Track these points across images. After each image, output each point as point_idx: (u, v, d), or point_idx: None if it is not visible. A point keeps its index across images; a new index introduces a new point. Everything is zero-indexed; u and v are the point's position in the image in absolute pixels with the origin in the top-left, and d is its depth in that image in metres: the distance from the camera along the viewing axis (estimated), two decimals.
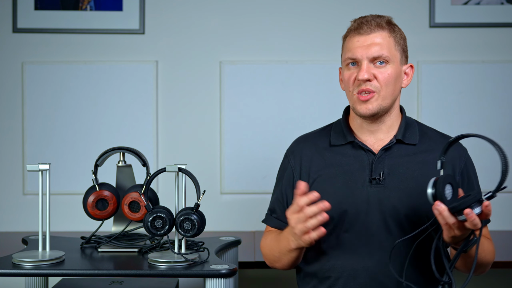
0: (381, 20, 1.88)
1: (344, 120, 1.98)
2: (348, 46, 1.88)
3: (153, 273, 1.81)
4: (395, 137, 1.90)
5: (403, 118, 1.94)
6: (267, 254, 1.96)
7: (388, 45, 1.85)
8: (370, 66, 1.84)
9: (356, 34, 1.87)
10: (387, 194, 1.84)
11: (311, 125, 2.13)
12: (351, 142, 1.92)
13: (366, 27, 1.86)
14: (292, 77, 3.09)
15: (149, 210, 1.89)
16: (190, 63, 3.11)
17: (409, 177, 1.86)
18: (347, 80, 1.88)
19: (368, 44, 1.84)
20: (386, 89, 1.85)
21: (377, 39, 1.85)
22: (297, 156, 1.97)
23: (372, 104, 1.85)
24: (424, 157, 1.89)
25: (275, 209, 2.00)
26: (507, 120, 3.09)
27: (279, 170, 2.04)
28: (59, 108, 3.08)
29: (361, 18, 1.91)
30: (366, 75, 1.83)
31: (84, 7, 3.07)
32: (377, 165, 1.87)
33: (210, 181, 3.07)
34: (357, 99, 1.86)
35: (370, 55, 1.84)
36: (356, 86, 1.85)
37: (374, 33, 1.85)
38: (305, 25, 3.11)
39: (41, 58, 3.08)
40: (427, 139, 1.94)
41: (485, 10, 3.08)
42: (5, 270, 1.79)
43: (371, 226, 1.84)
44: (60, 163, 3.04)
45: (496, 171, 3.10)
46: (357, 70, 1.85)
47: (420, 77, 3.08)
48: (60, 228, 2.91)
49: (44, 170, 1.90)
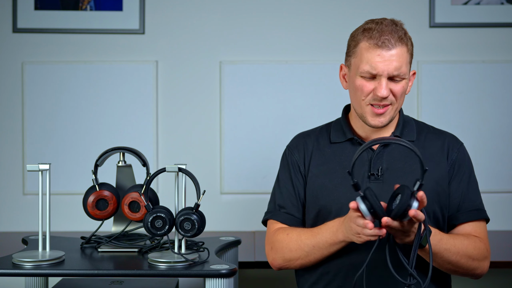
0: (401, 32, 1.86)
1: (344, 118, 2.01)
2: (367, 57, 1.84)
3: (153, 273, 1.81)
4: (393, 134, 1.94)
5: (401, 116, 1.98)
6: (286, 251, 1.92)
7: (406, 61, 1.86)
8: (388, 82, 1.85)
9: (377, 47, 1.83)
10: (385, 189, 1.85)
11: (311, 125, 2.14)
12: (351, 139, 1.95)
13: (388, 41, 1.83)
14: (292, 77, 3.09)
15: (149, 210, 1.89)
16: (190, 63, 3.11)
17: (407, 171, 1.89)
18: (361, 89, 1.87)
19: (390, 61, 1.83)
20: (400, 101, 1.89)
21: (398, 57, 1.84)
22: (300, 150, 2.00)
23: (385, 117, 1.88)
24: (421, 153, 1.90)
25: (285, 204, 1.99)
26: (507, 120, 3.08)
27: (283, 165, 2.04)
28: (59, 108, 3.07)
29: (379, 25, 1.86)
30: (385, 92, 1.84)
31: (84, 7, 3.07)
32: (376, 161, 1.90)
33: (210, 181, 3.07)
34: (370, 111, 1.87)
35: (391, 73, 1.84)
36: (371, 98, 1.86)
37: (396, 48, 1.83)
38: (305, 25, 3.11)
39: (41, 58, 3.08)
40: (424, 136, 1.97)
41: (485, 10, 3.08)
42: (5, 270, 1.79)
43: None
44: (60, 163, 3.04)
45: (496, 171, 3.12)
46: (374, 84, 1.85)
47: (420, 77, 3.08)
48: (60, 228, 2.91)
49: (44, 170, 1.90)
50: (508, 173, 3.07)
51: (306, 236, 1.88)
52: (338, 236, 1.80)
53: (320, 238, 1.85)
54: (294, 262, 1.92)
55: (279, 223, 1.98)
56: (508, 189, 3.07)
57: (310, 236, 1.87)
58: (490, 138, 3.08)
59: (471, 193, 1.94)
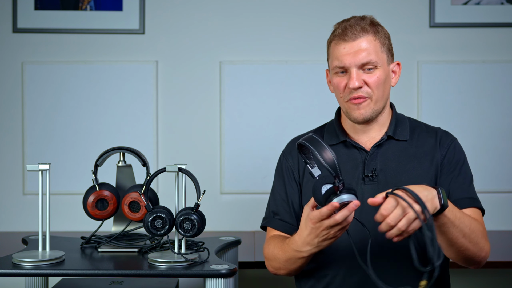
0: (365, 23, 1.87)
1: (336, 120, 2.00)
2: (335, 54, 1.88)
3: (153, 273, 1.81)
4: (386, 134, 1.93)
5: (393, 115, 1.97)
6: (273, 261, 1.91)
7: (375, 49, 1.86)
8: (359, 73, 1.85)
9: (341, 41, 1.86)
10: (380, 191, 1.83)
11: (311, 125, 2.14)
12: (344, 142, 1.95)
13: (351, 33, 1.85)
14: (292, 77, 3.09)
15: (149, 210, 1.88)
16: (190, 63, 3.11)
17: (401, 171, 1.88)
18: (337, 86, 1.89)
19: (355, 51, 1.84)
20: (378, 92, 1.87)
21: (363, 45, 1.85)
22: (294, 156, 2.00)
23: (365, 109, 1.87)
24: (415, 152, 1.92)
25: (279, 211, 1.98)
26: (507, 120, 3.08)
27: (277, 171, 2.04)
28: (59, 108, 3.08)
29: (344, 22, 1.90)
30: (357, 83, 1.84)
31: (84, 7, 3.07)
32: (369, 162, 1.90)
33: (210, 181, 3.07)
34: (350, 106, 1.88)
35: (359, 62, 1.84)
36: (347, 93, 1.87)
37: (360, 38, 1.85)
38: (305, 25, 3.11)
39: (41, 58, 3.08)
40: (417, 135, 1.96)
41: (485, 10, 3.08)
42: (5, 270, 1.79)
43: (366, 222, 1.83)
44: (60, 163, 3.04)
45: (496, 171, 3.12)
46: (347, 77, 1.86)
47: (420, 77, 3.08)
48: (60, 228, 2.91)
49: (44, 170, 1.90)
50: (508, 173, 3.07)
51: (278, 251, 1.88)
52: (302, 253, 1.76)
53: (288, 254, 1.83)
54: (280, 271, 1.91)
55: (274, 230, 1.99)
56: (508, 189, 3.07)
57: (281, 251, 1.86)
58: (490, 138, 3.08)
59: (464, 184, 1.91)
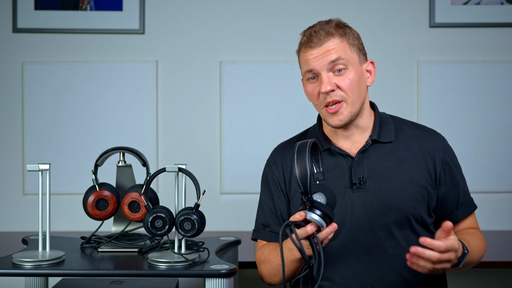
0: (329, 26, 1.85)
1: (318, 126, 1.96)
2: (304, 60, 1.85)
3: (153, 273, 1.81)
4: (370, 138, 1.88)
5: (377, 116, 1.92)
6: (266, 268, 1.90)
7: (343, 49, 1.82)
8: (330, 76, 1.81)
9: (308, 48, 1.84)
10: (369, 198, 1.82)
11: (311, 125, 2.13)
12: (328, 149, 1.90)
13: (316, 38, 1.82)
14: (292, 77, 3.08)
15: (149, 210, 1.88)
16: (190, 63, 3.11)
17: (389, 177, 1.84)
18: (311, 94, 1.85)
19: (322, 53, 1.81)
20: (352, 95, 1.82)
21: (330, 48, 1.82)
22: (279, 166, 1.96)
23: (342, 114, 1.82)
24: (402, 154, 1.87)
25: (269, 222, 1.96)
26: (507, 120, 3.08)
27: (263, 182, 2.01)
28: (59, 108, 3.08)
29: (309, 29, 1.88)
30: (328, 86, 1.80)
31: (84, 7, 3.07)
32: (356, 169, 1.85)
33: (210, 181, 3.07)
34: (326, 112, 1.84)
35: (327, 62, 1.80)
36: (322, 99, 1.83)
37: (326, 43, 1.82)
38: (305, 25, 3.08)
39: (41, 58, 3.08)
40: (403, 135, 1.91)
41: (485, 10, 3.08)
42: (5, 270, 1.79)
43: (357, 232, 1.82)
44: (60, 163, 3.04)
45: (496, 171, 3.12)
46: (319, 83, 1.83)
47: (420, 77, 3.08)
48: (60, 228, 2.91)
49: (44, 170, 1.90)
50: (508, 173, 3.06)
51: (273, 255, 1.86)
52: (294, 254, 1.73)
53: None
54: (273, 279, 1.89)
55: (265, 242, 1.96)
56: (508, 189, 3.07)
57: (275, 253, 1.85)
58: (490, 138, 3.08)
59: (464, 186, 1.93)
